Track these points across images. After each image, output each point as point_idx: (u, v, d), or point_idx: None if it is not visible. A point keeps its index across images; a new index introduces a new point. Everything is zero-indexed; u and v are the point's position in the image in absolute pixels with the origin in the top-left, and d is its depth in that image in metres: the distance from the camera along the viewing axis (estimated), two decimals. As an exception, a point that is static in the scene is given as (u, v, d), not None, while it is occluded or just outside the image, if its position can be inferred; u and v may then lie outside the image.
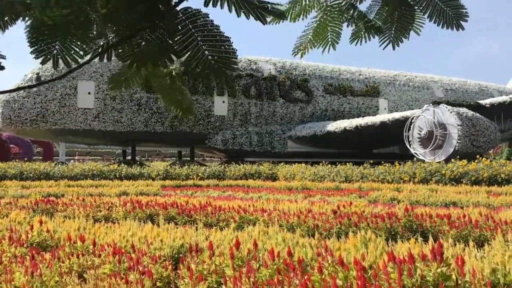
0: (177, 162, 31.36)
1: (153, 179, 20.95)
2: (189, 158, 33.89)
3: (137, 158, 34.12)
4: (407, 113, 27.82)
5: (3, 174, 20.58)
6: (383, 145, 33.83)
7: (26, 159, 36.54)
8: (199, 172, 22.33)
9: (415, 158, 24.03)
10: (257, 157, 31.37)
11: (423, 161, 21.27)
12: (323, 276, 3.49)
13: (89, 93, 28.98)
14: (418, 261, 3.58)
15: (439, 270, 3.47)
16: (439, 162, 19.79)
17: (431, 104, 25.84)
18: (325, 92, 35.39)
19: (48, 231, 5.77)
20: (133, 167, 23.83)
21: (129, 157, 33.22)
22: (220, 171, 22.63)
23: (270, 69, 34.11)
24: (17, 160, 26.98)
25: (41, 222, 6.13)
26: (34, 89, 28.18)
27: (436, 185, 15.91)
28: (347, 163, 20.86)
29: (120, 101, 29.39)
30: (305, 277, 3.46)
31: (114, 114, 29.31)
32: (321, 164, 22.06)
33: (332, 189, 15.41)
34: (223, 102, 31.89)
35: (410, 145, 25.49)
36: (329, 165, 21.13)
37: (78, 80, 28.80)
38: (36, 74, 28.58)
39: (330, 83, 35.86)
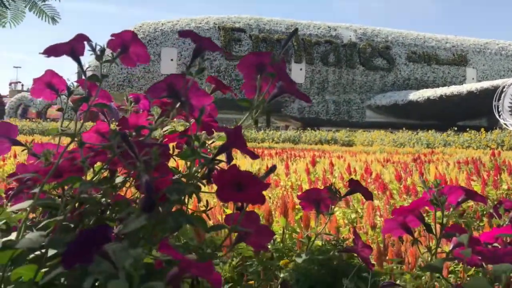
0: (254, 127, 31.81)
1: (231, 141, 21.52)
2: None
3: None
4: (498, 81, 25.96)
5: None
6: (469, 117, 31.88)
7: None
8: (275, 136, 22.52)
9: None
10: (333, 126, 30.94)
11: (514, 131, 19.83)
12: (401, 185, 3.43)
13: (171, 59, 30.00)
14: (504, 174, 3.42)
15: (528, 183, 3.28)
16: (532, 132, 18.35)
17: (526, 72, 23.87)
18: (408, 60, 33.84)
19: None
20: (211, 129, 24.65)
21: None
22: (295, 136, 22.67)
23: (350, 36, 33.18)
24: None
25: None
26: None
27: (527, 152, 14.81)
28: (429, 131, 20.00)
29: (200, 68, 30.18)
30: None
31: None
32: (401, 131, 21.33)
33: (413, 153, 14.90)
34: (300, 69, 31.61)
35: (499, 116, 23.87)
36: (410, 132, 20.38)
37: (161, 47, 29.90)
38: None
39: (414, 50, 34.19)
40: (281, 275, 0.70)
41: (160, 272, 0.50)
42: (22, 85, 55.12)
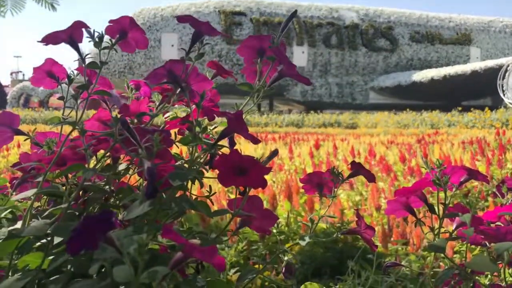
0: (257, 111, 31.83)
1: (234, 126, 21.53)
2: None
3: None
4: (502, 60, 25.74)
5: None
6: (473, 97, 31.70)
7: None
8: (278, 120, 22.51)
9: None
10: (337, 109, 30.81)
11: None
12: (405, 167, 3.44)
13: (172, 45, 29.86)
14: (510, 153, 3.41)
15: (533, 161, 3.27)
16: (537, 110, 18.21)
17: (530, 49, 23.63)
18: (411, 40, 33.53)
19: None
20: (214, 115, 24.64)
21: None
22: (298, 120, 22.63)
23: (352, 17, 32.86)
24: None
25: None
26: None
27: (532, 131, 14.73)
28: (433, 111, 19.92)
29: (201, 53, 30.05)
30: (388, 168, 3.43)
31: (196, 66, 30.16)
32: (404, 112, 21.26)
33: (417, 134, 14.89)
34: (303, 52, 31.41)
35: (504, 95, 23.71)
36: (414, 113, 20.32)
37: (162, 32, 29.75)
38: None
39: (417, 30, 33.84)
40: (285, 258, 0.71)
41: (164, 257, 0.51)
42: (23, 74, 55.14)
